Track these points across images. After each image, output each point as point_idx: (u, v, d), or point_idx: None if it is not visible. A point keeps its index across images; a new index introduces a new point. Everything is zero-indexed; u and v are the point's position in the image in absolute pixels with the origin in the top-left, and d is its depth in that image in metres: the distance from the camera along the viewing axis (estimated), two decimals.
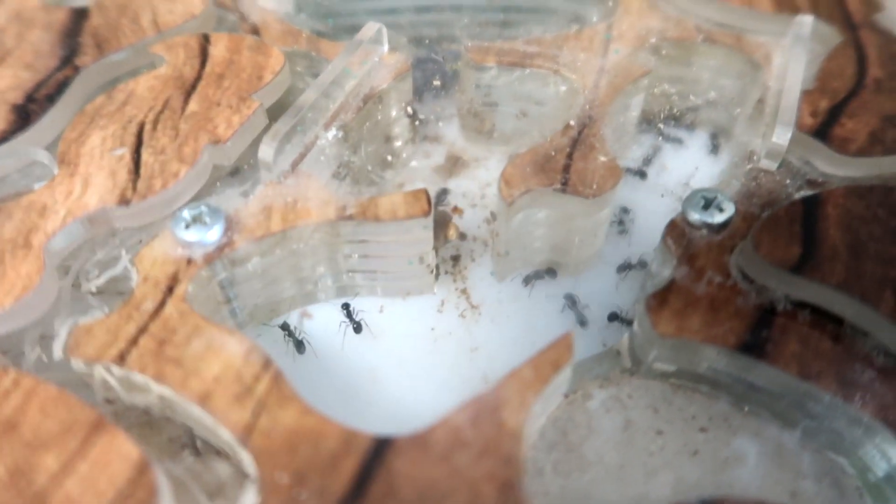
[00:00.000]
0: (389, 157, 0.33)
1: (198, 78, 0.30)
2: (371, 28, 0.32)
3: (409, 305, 0.31)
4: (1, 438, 0.19)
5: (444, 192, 0.34)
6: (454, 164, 0.36)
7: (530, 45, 0.34)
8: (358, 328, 0.30)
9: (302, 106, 0.28)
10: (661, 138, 0.35)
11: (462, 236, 0.33)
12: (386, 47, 0.33)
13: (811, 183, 0.29)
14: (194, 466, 0.22)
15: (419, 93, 0.37)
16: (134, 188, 0.26)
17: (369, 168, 0.32)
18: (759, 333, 0.24)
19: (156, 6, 0.34)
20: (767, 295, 0.25)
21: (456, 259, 0.33)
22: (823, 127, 0.29)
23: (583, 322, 0.30)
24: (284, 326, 0.29)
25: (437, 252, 0.31)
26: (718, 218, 0.26)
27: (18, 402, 0.20)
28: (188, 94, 0.29)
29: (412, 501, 0.20)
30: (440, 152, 0.37)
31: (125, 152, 0.27)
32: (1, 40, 0.32)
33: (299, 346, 0.29)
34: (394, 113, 0.34)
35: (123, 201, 0.26)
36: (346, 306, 0.30)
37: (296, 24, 0.35)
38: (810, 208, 0.26)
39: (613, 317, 0.30)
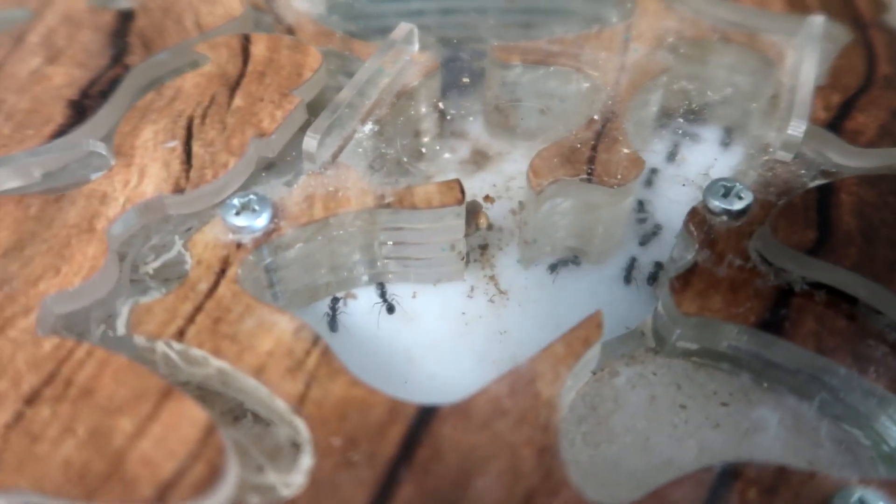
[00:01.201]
0: (423, 150, 0.35)
1: (241, 75, 0.32)
2: (403, 29, 0.34)
3: (440, 291, 0.33)
4: (79, 402, 0.21)
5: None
6: (480, 159, 0.38)
7: (553, 44, 0.36)
8: (391, 309, 0.31)
9: (340, 102, 0.30)
10: (679, 132, 0.37)
11: (490, 226, 0.34)
12: (416, 47, 0.34)
13: (825, 173, 0.30)
14: (253, 431, 0.24)
15: (446, 90, 0.39)
16: (187, 178, 0.28)
17: (404, 160, 0.34)
18: (777, 312, 0.25)
19: (197, 8, 0.35)
20: (785, 277, 0.26)
21: (484, 248, 0.34)
22: (836, 120, 0.31)
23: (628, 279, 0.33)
24: (335, 300, 0.31)
25: (466, 240, 0.32)
26: (738, 205, 0.28)
27: (93, 371, 0.22)
28: (233, 91, 0.31)
29: (456, 464, 0.22)
30: (466, 147, 0.38)
31: (177, 145, 0.29)
32: (53, 41, 0.33)
33: (332, 323, 0.31)
34: (423, 109, 0.35)
35: (178, 190, 0.27)
36: (381, 286, 0.31)
37: (328, 25, 0.37)
38: (825, 196, 0.27)
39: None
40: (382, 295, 0.32)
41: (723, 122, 0.38)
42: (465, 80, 0.38)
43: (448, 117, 0.37)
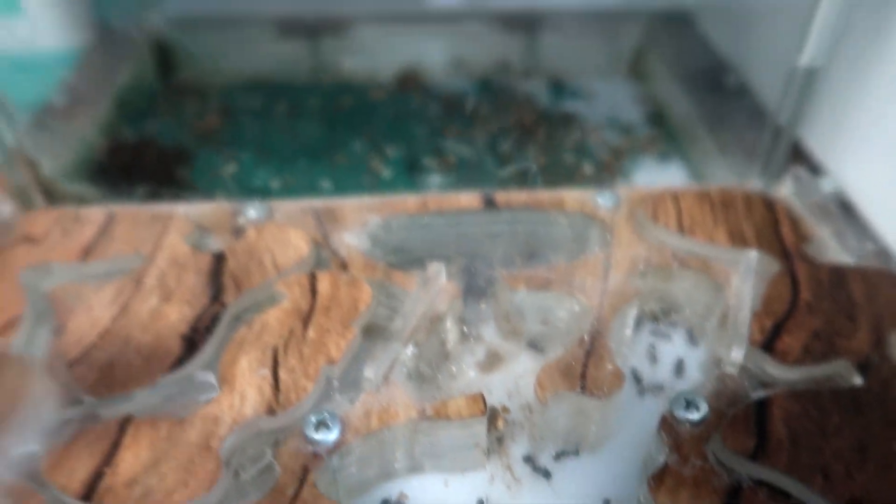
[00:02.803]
0: (454, 368, 0.44)
1: (311, 310, 0.41)
2: (434, 267, 0.44)
3: (466, 479, 0.40)
4: None
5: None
6: (495, 360, 0.47)
7: (550, 272, 0.46)
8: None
9: (393, 334, 0.39)
10: (652, 339, 0.46)
11: (505, 422, 0.43)
12: (444, 279, 0.44)
13: (764, 384, 0.39)
14: None
15: (466, 301, 0.49)
16: (276, 400, 0.36)
17: (439, 377, 0.42)
18: None
19: (273, 250, 0.46)
20: (735, 475, 0.34)
21: (500, 440, 0.42)
22: (768, 342, 0.40)
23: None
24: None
25: (487, 437, 0.40)
26: (696, 416, 0.36)
27: None
28: (306, 324, 0.41)
29: None
30: (482, 349, 0.47)
31: (267, 372, 0.38)
32: (165, 282, 0.43)
33: None
34: (448, 325, 0.45)
35: (270, 411, 0.36)
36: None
37: (373, 257, 0.47)
38: (761, 409, 0.36)
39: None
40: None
41: (687, 326, 0.47)
42: (483, 305, 0.47)
43: (468, 327, 0.47)
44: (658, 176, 0.64)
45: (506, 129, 0.70)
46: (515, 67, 0.81)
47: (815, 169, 0.57)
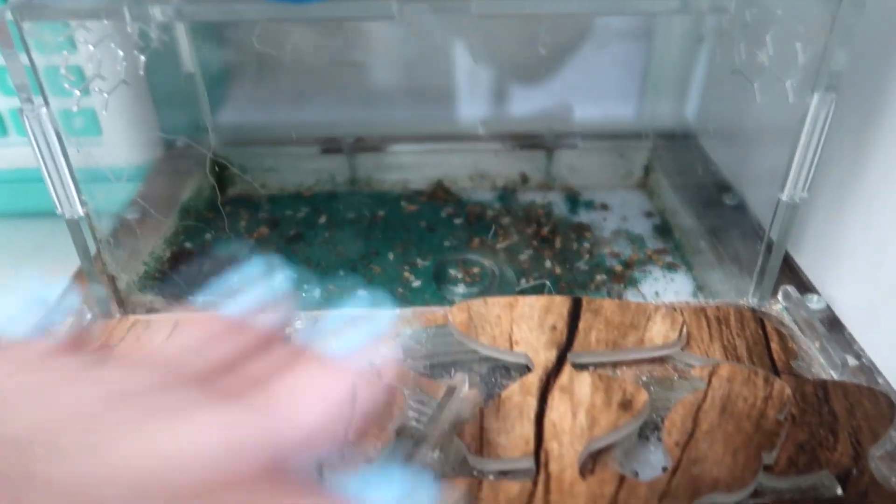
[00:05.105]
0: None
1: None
2: (459, 377, 0.50)
3: None
4: None
5: None
6: None
7: None
8: None
9: (423, 437, 0.45)
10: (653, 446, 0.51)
11: None
12: (467, 387, 0.50)
13: (755, 493, 0.43)
14: None
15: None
16: None
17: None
18: None
19: None
20: None
21: None
22: None
23: None
24: None
25: None
26: None
27: None
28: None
29: None
30: None
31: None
32: None
33: None
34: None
35: None
36: None
37: (406, 367, 0.54)
38: None
39: None
40: None
41: None
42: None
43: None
44: (664, 286, 0.70)
45: (525, 239, 0.77)
46: (534, 181, 0.89)
47: (806, 287, 0.62)
